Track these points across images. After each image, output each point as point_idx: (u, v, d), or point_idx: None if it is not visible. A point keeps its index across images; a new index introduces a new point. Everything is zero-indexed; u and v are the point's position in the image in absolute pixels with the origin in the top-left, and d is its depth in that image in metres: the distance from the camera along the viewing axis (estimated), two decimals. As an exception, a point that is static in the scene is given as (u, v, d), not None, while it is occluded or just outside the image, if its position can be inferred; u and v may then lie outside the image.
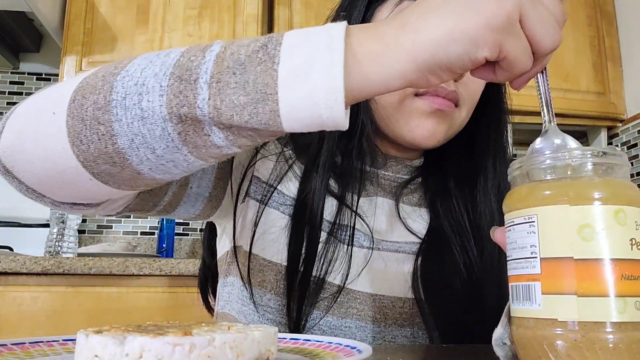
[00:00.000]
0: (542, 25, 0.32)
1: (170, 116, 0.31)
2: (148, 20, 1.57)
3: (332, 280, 0.52)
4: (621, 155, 0.32)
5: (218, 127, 0.31)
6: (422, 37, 0.30)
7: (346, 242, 0.53)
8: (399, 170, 0.60)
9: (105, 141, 0.32)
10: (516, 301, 0.32)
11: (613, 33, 1.80)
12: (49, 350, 0.34)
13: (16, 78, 1.84)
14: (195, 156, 0.33)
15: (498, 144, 0.59)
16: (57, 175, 0.35)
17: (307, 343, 0.36)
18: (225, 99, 0.30)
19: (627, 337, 0.29)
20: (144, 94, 0.31)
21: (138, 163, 0.33)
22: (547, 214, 0.31)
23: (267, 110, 0.29)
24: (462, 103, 0.55)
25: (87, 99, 0.33)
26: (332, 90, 0.29)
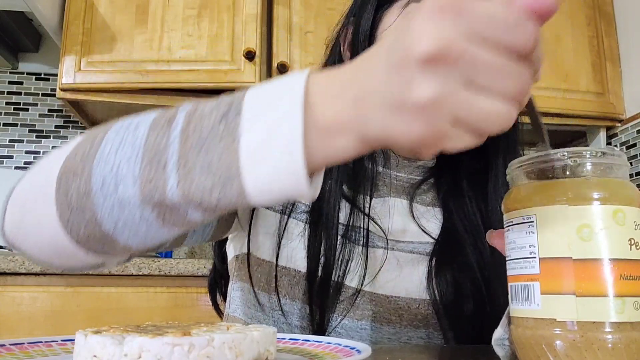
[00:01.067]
0: (482, 121, 0.25)
1: (146, 203, 0.31)
2: (147, 20, 1.56)
3: (349, 283, 0.52)
4: (620, 155, 0.32)
5: (192, 208, 0.31)
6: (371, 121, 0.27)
7: (361, 244, 0.53)
8: (412, 170, 0.60)
9: (92, 226, 0.34)
10: (515, 301, 0.32)
11: (612, 33, 1.80)
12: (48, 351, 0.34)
13: (15, 78, 1.84)
14: (180, 229, 0.34)
15: (509, 141, 0.59)
16: (59, 251, 0.37)
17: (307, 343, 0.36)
18: (193, 183, 0.30)
19: (625, 337, 0.29)
20: (120, 181, 0.31)
21: (126, 241, 0.35)
22: (546, 214, 0.31)
23: (234, 192, 0.29)
24: None
25: (70, 185, 0.34)
26: (293, 172, 0.28)
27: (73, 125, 1.84)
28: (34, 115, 1.83)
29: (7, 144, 1.80)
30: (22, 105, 1.83)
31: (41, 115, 1.83)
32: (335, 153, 0.28)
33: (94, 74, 1.52)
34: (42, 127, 1.83)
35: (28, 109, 1.83)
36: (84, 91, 1.54)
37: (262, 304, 0.54)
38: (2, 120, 1.80)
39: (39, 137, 1.82)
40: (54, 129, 1.83)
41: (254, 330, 0.29)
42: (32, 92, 1.84)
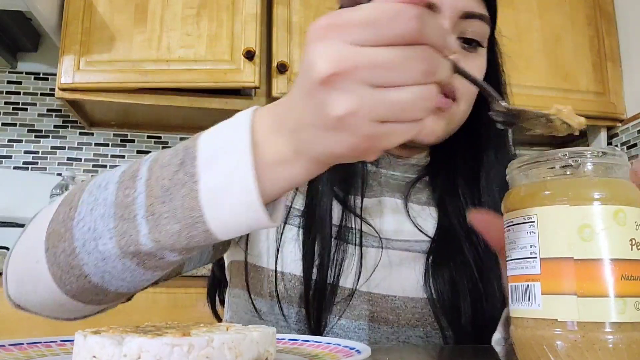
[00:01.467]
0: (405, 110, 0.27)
1: (124, 254, 0.34)
2: (146, 19, 1.56)
3: (343, 283, 0.52)
4: (621, 155, 0.32)
5: (168, 252, 0.33)
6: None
7: (355, 244, 0.53)
8: (407, 169, 0.60)
9: (82, 280, 0.37)
10: (516, 301, 0.32)
11: (613, 33, 1.80)
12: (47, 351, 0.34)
13: (14, 77, 1.83)
14: (162, 271, 0.37)
15: (500, 137, 0.59)
16: (59, 306, 0.40)
17: (306, 344, 0.36)
18: (162, 230, 0.32)
19: (626, 337, 0.28)
20: (98, 238, 0.34)
21: (116, 289, 0.38)
22: (546, 214, 0.30)
23: (200, 232, 0.31)
24: (460, 97, 0.55)
25: (57, 247, 0.37)
26: (252, 210, 0.30)
27: (72, 125, 1.84)
28: (33, 115, 1.83)
29: (6, 143, 1.80)
30: (21, 105, 1.83)
31: (40, 115, 1.83)
32: (289, 182, 0.31)
33: (93, 73, 1.52)
34: (41, 127, 1.82)
35: (27, 108, 1.83)
36: (83, 91, 1.53)
37: (259, 310, 0.54)
38: (1, 120, 1.80)
39: (37, 137, 1.82)
40: (52, 128, 1.83)
41: (253, 331, 0.29)
42: (31, 91, 1.83)
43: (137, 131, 1.86)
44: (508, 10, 1.71)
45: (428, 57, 0.26)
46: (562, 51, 1.73)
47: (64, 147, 1.82)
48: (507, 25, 1.71)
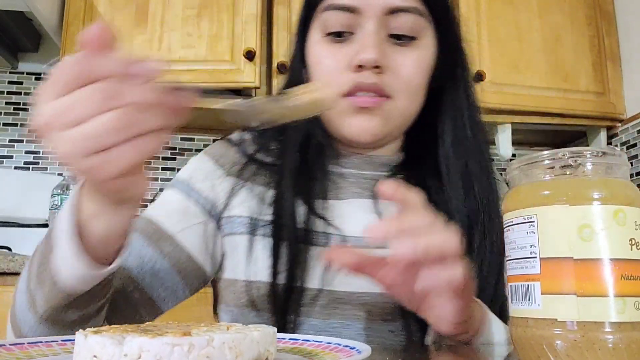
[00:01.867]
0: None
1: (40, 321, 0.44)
2: (147, 20, 1.56)
3: (312, 285, 0.53)
4: (620, 155, 0.32)
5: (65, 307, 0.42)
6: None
7: (321, 245, 0.54)
8: (377, 167, 0.61)
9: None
10: (515, 301, 0.32)
11: (612, 33, 1.80)
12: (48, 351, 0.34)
13: (15, 78, 1.83)
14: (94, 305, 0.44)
15: (457, 129, 0.60)
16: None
17: (306, 343, 0.36)
18: (43, 297, 0.42)
19: (626, 337, 0.29)
20: (30, 305, 0.44)
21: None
22: (546, 214, 0.30)
23: (62, 293, 0.40)
24: (395, 93, 0.55)
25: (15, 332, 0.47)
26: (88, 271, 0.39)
27: (73, 125, 1.84)
28: (34, 115, 1.83)
29: (7, 144, 1.80)
30: (22, 105, 1.83)
31: (41, 115, 1.83)
32: (101, 233, 0.38)
33: (94, 73, 1.52)
34: (42, 127, 1.83)
35: (28, 109, 1.83)
36: (84, 91, 1.54)
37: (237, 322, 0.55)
38: (2, 120, 1.80)
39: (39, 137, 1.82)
40: (54, 128, 1.83)
41: (254, 331, 0.29)
42: (32, 92, 1.84)
43: (137, 131, 1.86)
44: (508, 10, 1.71)
45: (103, 88, 0.31)
46: (562, 51, 1.73)
47: (65, 148, 1.82)
48: (507, 25, 1.71)
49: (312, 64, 0.59)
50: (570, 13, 1.76)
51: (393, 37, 0.56)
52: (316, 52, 0.58)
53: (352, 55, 0.54)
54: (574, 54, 1.74)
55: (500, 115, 1.70)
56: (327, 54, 0.57)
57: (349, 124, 0.56)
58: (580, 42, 1.75)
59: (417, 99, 0.58)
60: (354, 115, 0.56)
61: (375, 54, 0.53)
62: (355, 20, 0.55)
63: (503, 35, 1.69)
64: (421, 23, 0.56)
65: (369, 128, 0.56)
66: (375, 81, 0.54)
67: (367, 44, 0.54)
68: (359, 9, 0.55)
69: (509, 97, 1.66)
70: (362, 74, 0.54)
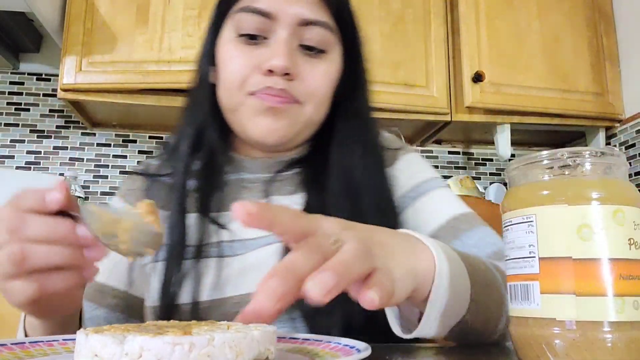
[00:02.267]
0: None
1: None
2: (148, 20, 1.56)
3: (205, 297, 0.53)
4: (619, 155, 0.32)
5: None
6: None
7: (214, 257, 0.55)
8: (267, 167, 0.62)
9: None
10: (515, 301, 0.32)
11: (611, 34, 1.80)
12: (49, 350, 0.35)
13: (16, 78, 1.84)
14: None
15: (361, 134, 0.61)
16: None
17: (306, 342, 0.36)
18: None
19: (625, 336, 0.29)
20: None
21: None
22: (545, 214, 0.31)
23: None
24: (303, 100, 0.57)
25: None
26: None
27: (74, 126, 1.84)
28: (35, 116, 1.83)
29: (8, 144, 1.80)
30: (23, 105, 1.83)
31: (42, 116, 1.83)
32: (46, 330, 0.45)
33: (94, 74, 1.52)
34: (43, 127, 1.83)
35: (29, 109, 1.83)
36: (85, 91, 1.54)
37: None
38: (3, 120, 1.81)
39: (40, 137, 1.82)
40: (55, 129, 1.83)
41: (254, 330, 0.29)
42: (33, 92, 1.84)
43: (138, 131, 1.86)
44: (507, 11, 1.71)
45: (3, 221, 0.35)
46: (561, 52, 1.73)
47: (66, 148, 1.82)
48: (507, 26, 1.71)
49: (221, 62, 0.60)
50: (569, 14, 1.76)
51: (304, 48, 0.58)
52: (227, 51, 0.59)
53: (264, 60, 0.56)
54: (573, 54, 1.74)
55: (499, 116, 1.70)
56: (238, 54, 0.58)
57: (256, 124, 0.57)
58: (579, 42, 1.75)
59: (322, 108, 0.60)
60: (261, 116, 0.56)
61: (286, 61, 0.55)
62: (269, 26, 0.57)
63: (502, 35, 1.69)
64: (331, 38, 0.59)
65: (275, 129, 0.57)
66: (285, 87, 0.56)
67: (279, 51, 0.55)
68: (274, 16, 0.56)
69: (508, 97, 1.66)
70: (271, 78, 0.55)
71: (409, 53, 1.68)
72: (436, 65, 1.68)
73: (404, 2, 1.71)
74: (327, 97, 0.60)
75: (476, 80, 1.64)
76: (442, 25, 1.72)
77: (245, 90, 0.57)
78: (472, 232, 0.58)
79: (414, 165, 0.65)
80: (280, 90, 0.55)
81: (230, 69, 0.58)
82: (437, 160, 2.02)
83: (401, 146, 0.67)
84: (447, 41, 1.72)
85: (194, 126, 0.62)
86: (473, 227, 0.59)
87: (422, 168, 0.65)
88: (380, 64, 1.64)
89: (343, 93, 0.62)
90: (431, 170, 0.65)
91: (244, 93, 0.57)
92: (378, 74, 1.66)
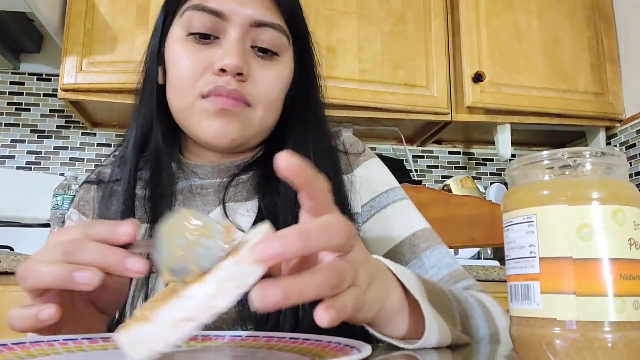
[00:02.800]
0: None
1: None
2: (148, 20, 1.56)
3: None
4: (619, 155, 0.32)
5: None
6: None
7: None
8: (219, 174, 0.61)
9: None
10: (515, 300, 0.32)
11: (611, 34, 1.80)
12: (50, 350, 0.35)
13: (16, 78, 1.84)
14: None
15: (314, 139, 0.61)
16: None
17: (307, 342, 0.36)
18: None
19: (625, 336, 0.29)
20: None
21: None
22: (545, 214, 0.31)
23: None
24: (254, 102, 0.56)
25: None
26: None
27: (74, 126, 1.85)
28: (36, 116, 1.83)
29: (9, 144, 1.80)
30: (24, 105, 1.83)
31: (42, 116, 1.83)
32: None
33: (95, 74, 1.52)
34: (43, 127, 1.83)
35: (29, 109, 1.83)
36: (85, 91, 1.54)
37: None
38: (4, 120, 1.81)
39: (40, 137, 1.82)
40: (55, 129, 1.84)
41: None
42: (34, 92, 1.84)
43: (138, 132, 1.86)
44: (507, 11, 1.71)
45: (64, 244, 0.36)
46: (561, 52, 1.73)
47: (67, 148, 1.83)
48: (507, 26, 1.71)
49: (171, 62, 0.58)
50: (569, 14, 1.76)
51: (256, 50, 0.57)
52: (177, 50, 0.58)
53: (215, 59, 0.55)
54: (572, 54, 1.74)
55: (500, 116, 1.70)
56: (188, 54, 0.56)
57: (207, 125, 0.56)
58: (579, 42, 1.75)
59: (274, 111, 0.59)
60: (212, 118, 0.55)
61: (239, 60, 0.54)
62: (221, 26, 0.56)
63: (502, 35, 1.69)
64: (283, 41, 0.58)
65: (227, 132, 0.56)
66: (237, 88, 0.55)
67: (231, 51, 0.54)
68: (225, 15, 0.55)
69: (508, 97, 1.66)
70: (223, 78, 0.54)
71: (409, 53, 1.68)
72: (436, 65, 1.68)
73: (405, 2, 1.71)
74: (278, 100, 0.59)
75: (476, 80, 1.64)
76: (442, 25, 1.72)
77: (197, 91, 0.55)
78: (430, 251, 0.59)
79: (374, 174, 0.64)
80: (232, 90, 0.54)
81: (180, 69, 0.57)
82: (438, 160, 2.02)
83: (361, 151, 0.66)
84: (447, 41, 1.72)
85: (140, 129, 0.61)
86: (431, 246, 0.59)
87: (383, 177, 0.64)
88: (380, 63, 1.64)
89: (295, 96, 0.62)
90: (392, 179, 0.65)
91: (195, 94, 0.55)
92: (378, 74, 1.66)
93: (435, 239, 0.61)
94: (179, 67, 0.57)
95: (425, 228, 0.61)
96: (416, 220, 0.62)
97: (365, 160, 0.65)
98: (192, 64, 0.56)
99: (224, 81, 0.54)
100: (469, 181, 1.77)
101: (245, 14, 0.56)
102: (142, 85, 0.64)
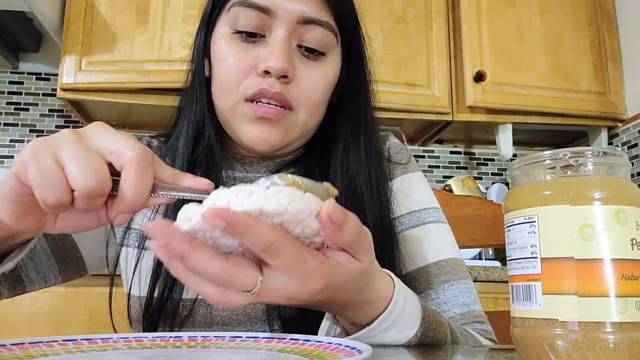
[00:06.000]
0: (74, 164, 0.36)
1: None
2: (148, 19, 1.56)
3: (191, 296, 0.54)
4: (622, 155, 0.32)
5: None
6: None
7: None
8: (259, 169, 0.61)
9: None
10: (516, 301, 0.32)
11: (613, 33, 1.80)
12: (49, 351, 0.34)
13: (16, 78, 1.84)
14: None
15: (365, 142, 0.60)
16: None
17: (307, 343, 0.36)
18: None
19: (627, 337, 0.29)
20: None
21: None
22: (547, 214, 0.30)
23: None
24: (297, 105, 0.55)
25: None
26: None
27: (74, 125, 1.84)
28: (35, 115, 1.83)
29: (8, 143, 1.80)
30: (23, 105, 1.83)
31: (42, 115, 1.83)
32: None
33: (94, 73, 1.52)
34: (42, 127, 1.83)
35: (29, 108, 1.83)
36: (85, 91, 1.54)
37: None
38: (3, 120, 1.81)
39: (39, 137, 1.82)
40: (54, 128, 1.83)
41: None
42: (33, 92, 1.84)
43: (138, 131, 1.86)
44: (509, 10, 1.71)
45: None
46: (563, 51, 1.73)
47: (66, 147, 1.83)
48: (508, 25, 1.71)
49: (216, 60, 0.58)
50: (571, 13, 1.76)
51: (302, 49, 0.56)
52: (223, 48, 0.57)
53: (260, 60, 0.54)
54: (574, 54, 1.74)
55: (501, 115, 1.70)
56: (234, 52, 0.55)
57: (248, 131, 0.55)
58: (581, 42, 1.75)
59: (318, 113, 0.58)
60: (254, 124, 0.55)
61: (284, 63, 0.53)
62: (267, 23, 0.54)
63: (504, 35, 1.69)
64: (331, 40, 0.57)
65: (268, 139, 0.55)
66: (280, 90, 0.54)
67: (276, 52, 0.53)
68: (273, 12, 0.54)
69: (509, 97, 1.66)
70: (267, 80, 0.54)
71: (410, 52, 1.68)
72: (438, 64, 1.68)
73: (406, 1, 1.71)
74: (322, 102, 0.58)
75: (478, 79, 1.64)
76: (443, 24, 1.72)
77: (240, 93, 0.55)
78: (449, 285, 0.57)
79: (412, 190, 0.62)
80: (276, 93, 0.54)
81: (224, 68, 0.56)
82: (439, 160, 2.02)
83: (405, 162, 0.65)
84: (448, 40, 1.72)
85: (192, 125, 0.61)
86: (451, 280, 0.57)
87: (421, 195, 0.63)
88: (381, 63, 1.64)
89: (343, 95, 0.60)
90: (429, 199, 0.63)
91: (239, 97, 0.55)
92: (379, 73, 1.65)
93: (460, 272, 0.58)
94: (224, 66, 0.56)
95: (453, 258, 0.59)
96: (446, 247, 0.59)
97: (405, 173, 0.63)
98: (237, 64, 0.55)
99: (267, 84, 0.53)
100: (470, 181, 1.77)
101: (292, 10, 0.54)
102: (191, 81, 0.64)
